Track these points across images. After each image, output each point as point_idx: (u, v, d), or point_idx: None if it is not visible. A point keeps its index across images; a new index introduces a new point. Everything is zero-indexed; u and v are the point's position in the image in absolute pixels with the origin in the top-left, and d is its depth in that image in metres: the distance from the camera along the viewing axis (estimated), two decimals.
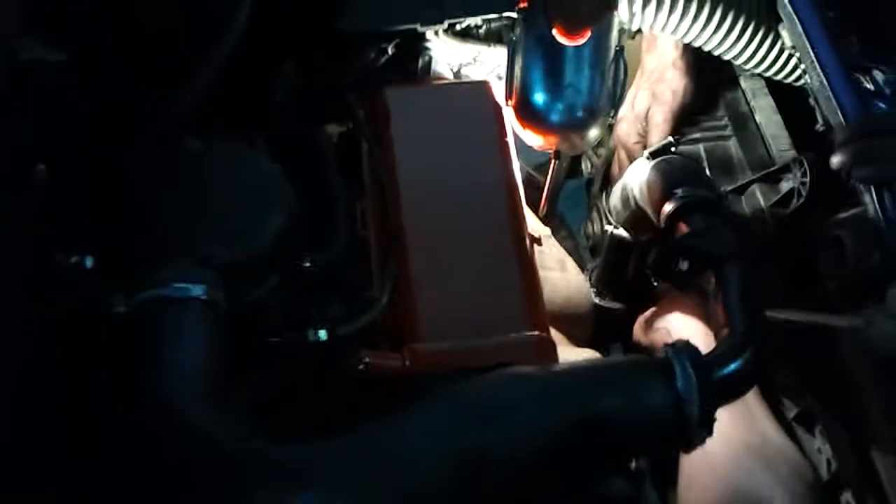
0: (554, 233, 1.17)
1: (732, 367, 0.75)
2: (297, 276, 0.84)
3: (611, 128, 1.20)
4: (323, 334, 0.82)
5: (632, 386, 0.72)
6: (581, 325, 1.11)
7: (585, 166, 1.46)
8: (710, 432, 0.73)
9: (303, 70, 1.03)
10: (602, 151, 1.36)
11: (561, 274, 1.08)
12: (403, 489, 0.65)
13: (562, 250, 1.12)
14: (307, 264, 0.85)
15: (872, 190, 0.90)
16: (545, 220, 1.11)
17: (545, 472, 0.70)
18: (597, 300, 1.18)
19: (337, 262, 0.89)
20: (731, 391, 0.76)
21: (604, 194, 1.23)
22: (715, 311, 0.83)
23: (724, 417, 0.75)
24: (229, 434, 0.67)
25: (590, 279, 1.20)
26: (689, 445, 0.73)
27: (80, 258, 0.78)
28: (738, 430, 0.87)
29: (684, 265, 0.86)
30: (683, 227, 0.89)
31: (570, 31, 0.96)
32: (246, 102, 0.99)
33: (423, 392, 0.73)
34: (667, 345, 0.74)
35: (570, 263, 1.12)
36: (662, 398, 0.71)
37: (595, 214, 1.26)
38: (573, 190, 1.43)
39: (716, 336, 0.82)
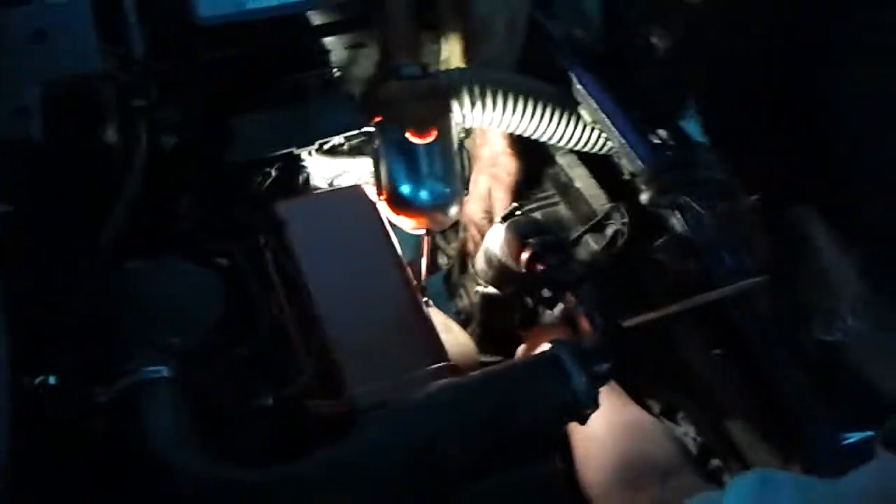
0: None
1: (604, 353, 0.96)
2: (238, 358, 1.00)
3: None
4: (269, 399, 0.98)
5: (531, 376, 0.92)
6: None
7: (441, 261, 1.68)
8: (597, 404, 0.93)
9: (201, 200, 1.21)
10: (454, 245, 1.59)
11: (448, 335, 1.27)
12: (375, 481, 0.81)
13: (445, 316, 1.31)
14: (242, 350, 1.02)
15: (677, 213, 1.16)
16: (423, 293, 1.31)
17: (479, 454, 0.87)
18: (481, 357, 1.38)
19: (264, 345, 1.05)
20: (606, 372, 0.96)
21: (465, 274, 1.45)
22: (580, 322, 1.05)
23: (604, 404, 0.95)
24: (212, 468, 0.82)
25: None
26: (583, 418, 0.93)
27: (43, 377, 0.91)
28: (617, 413, 1.07)
29: (547, 293, 1.08)
30: (540, 267, 1.11)
31: (420, 132, 1.18)
32: (159, 231, 1.16)
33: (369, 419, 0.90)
34: (551, 341, 0.94)
35: (455, 326, 1.31)
36: (557, 381, 0.91)
37: (462, 292, 1.47)
38: (434, 291, 1.64)
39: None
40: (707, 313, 1.13)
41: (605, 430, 1.03)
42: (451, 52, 1.55)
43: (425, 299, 1.19)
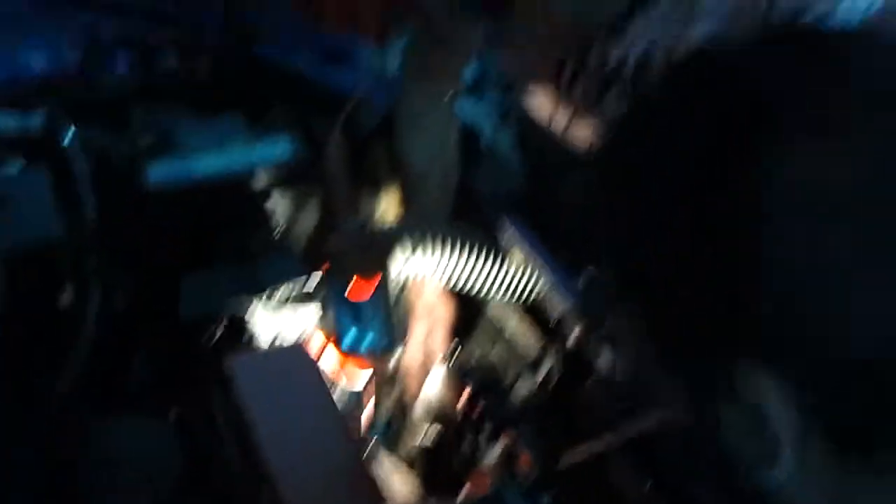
0: None
1: (545, 487, 1.02)
2: None
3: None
4: None
5: None
6: None
7: (380, 412, 1.73)
8: None
9: (152, 358, 1.25)
10: (394, 394, 1.64)
11: (392, 480, 1.31)
12: None
13: (389, 461, 1.35)
14: None
15: (605, 352, 1.23)
16: (369, 439, 1.35)
17: None
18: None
19: (217, 499, 1.08)
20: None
21: (406, 419, 1.49)
22: (519, 457, 1.10)
23: None
24: None
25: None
26: None
27: None
28: None
29: (487, 431, 1.14)
30: (477, 408, 1.17)
31: (361, 282, 1.26)
32: (112, 389, 1.19)
33: None
34: (493, 480, 0.99)
35: (399, 472, 1.35)
36: None
37: (402, 442, 1.51)
38: (378, 430, 1.68)
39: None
40: (639, 448, 1.20)
41: None
42: (389, 206, 1.65)
43: (370, 447, 1.23)
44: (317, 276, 1.29)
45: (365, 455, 1.20)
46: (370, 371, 1.29)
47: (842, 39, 0.68)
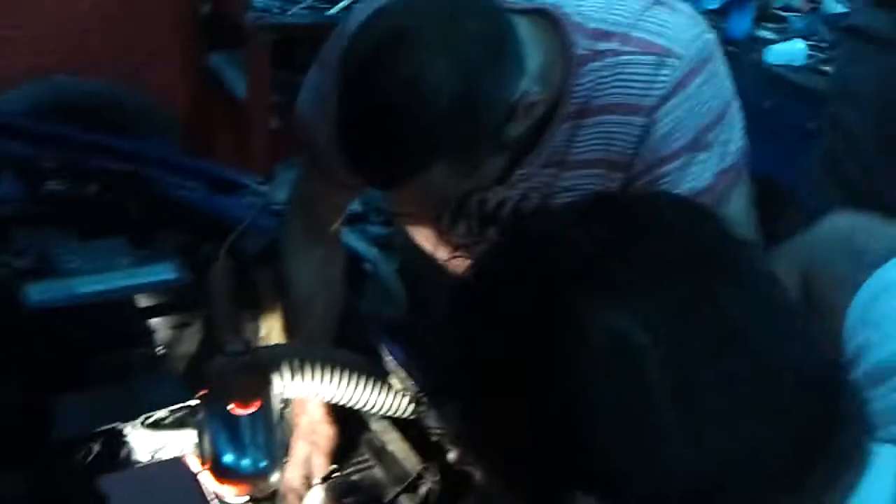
0: None
1: None
2: None
3: None
4: None
5: None
6: None
7: None
8: None
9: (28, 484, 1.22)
10: None
11: None
12: None
13: None
14: None
15: None
16: None
17: None
18: None
19: None
20: None
21: None
22: None
23: None
24: None
25: None
26: None
27: None
28: None
29: None
30: None
31: (243, 404, 1.27)
32: None
33: None
34: None
35: None
36: None
37: None
38: None
39: None
40: None
41: None
42: (272, 329, 1.67)
43: None
44: (197, 398, 1.29)
45: None
46: (246, 495, 1.29)
47: (645, 206, 0.76)
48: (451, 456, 1.29)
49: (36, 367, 1.34)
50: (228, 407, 1.26)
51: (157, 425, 1.35)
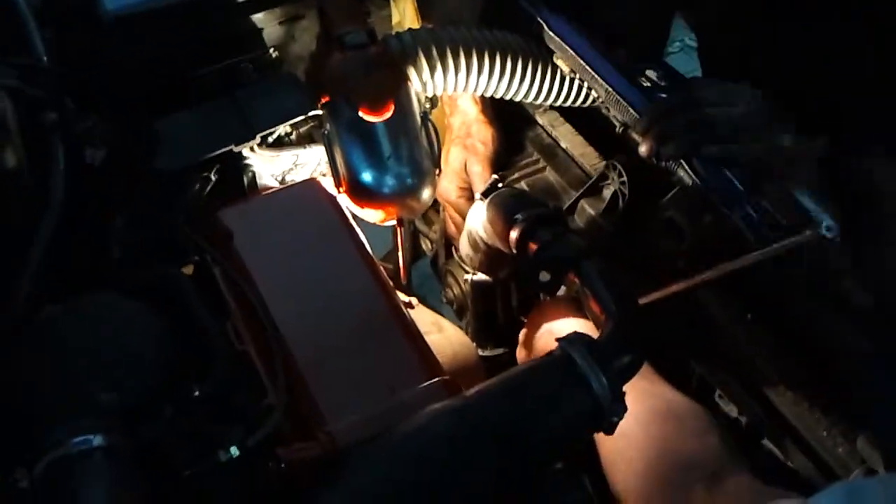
0: None
1: (623, 343, 0.80)
2: (192, 404, 0.84)
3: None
4: (234, 450, 0.81)
5: (541, 387, 0.76)
6: (472, 379, 1.14)
7: (425, 246, 1.52)
8: (624, 408, 0.77)
9: (135, 220, 1.04)
10: (436, 227, 1.43)
11: (440, 335, 1.11)
12: None
13: (433, 313, 1.15)
14: (196, 393, 0.85)
15: (683, 163, 0.99)
16: (407, 290, 1.15)
17: (489, 492, 0.72)
18: (480, 352, 1.22)
19: (224, 383, 0.89)
20: (629, 367, 0.80)
21: (452, 258, 1.29)
22: (588, 305, 0.88)
23: (630, 392, 0.79)
24: None
25: (467, 333, 1.23)
26: (610, 426, 0.77)
27: None
28: (643, 399, 0.91)
29: (546, 276, 0.92)
30: (533, 245, 0.95)
31: (375, 109, 1.02)
32: (85, 265, 0.99)
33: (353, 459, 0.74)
34: (559, 340, 0.78)
35: (446, 323, 1.15)
36: (572, 389, 0.75)
37: (451, 279, 1.30)
38: (421, 275, 1.47)
39: (596, 325, 0.87)
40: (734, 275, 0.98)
41: (634, 423, 0.87)
42: (403, 13, 1.38)
43: (409, 299, 1.02)
44: (321, 107, 1.04)
45: (402, 304, 0.98)
46: (395, 219, 1.07)
47: None
48: (643, 149, 1.00)
49: (129, 88, 1.12)
50: (358, 114, 1.01)
51: (280, 144, 1.13)
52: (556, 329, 1.03)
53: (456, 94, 1.19)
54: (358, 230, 1.04)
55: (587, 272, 0.89)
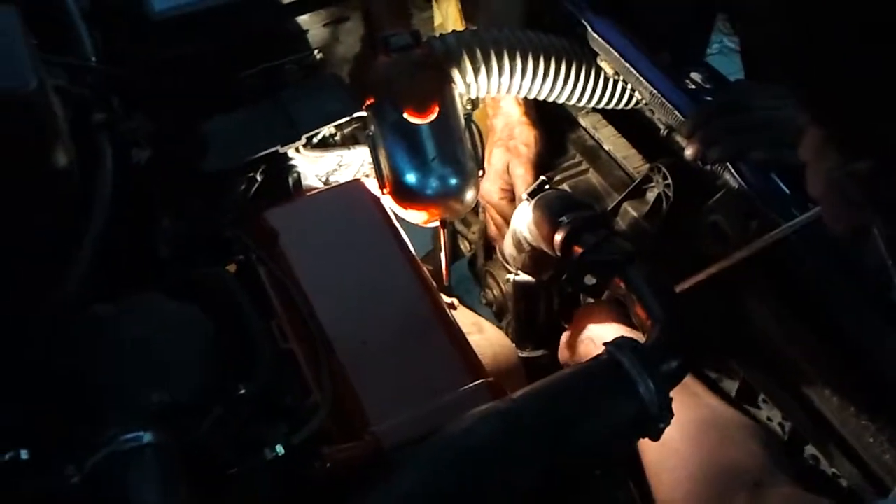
0: None
1: (669, 349, 0.80)
2: (238, 403, 0.84)
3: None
4: (280, 449, 0.82)
5: (588, 391, 0.76)
6: (512, 381, 1.14)
7: (463, 247, 1.52)
8: (671, 414, 0.77)
9: (181, 220, 1.05)
10: (475, 228, 1.43)
11: (480, 335, 1.11)
12: None
13: (474, 314, 1.15)
14: (242, 391, 0.85)
15: (729, 166, 0.98)
16: (448, 292, 1.15)
17: (535, 491, 0.71)
18: (520, 353, 1.21)
19: (270, 382, 0.89)
20: (675, 372, 0.80)
21: (492, 260, 1.28)
22: (634, 311, 0.88)
23: (674, 400, 0.78)
24: None
25: (507, 335, 1.23)
26: (657, 432, 0.77)
27: (13, 453, 0.76)
28: (686, 409, 0.90)
29: (591, 280, 0.91)
30: (578, 248, 0.94)
31: (419, 111, 1.02)
32: (133, 263, 1.00)
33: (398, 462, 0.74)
34: (606, 344, 0.77)
35: (486, 324, 1.15)
36: (620, 394, 0.75)
37: (490, 281, 1.30)
38: (459, 276, 1.47)
39: (641, 329, 0.86)
40: (774, 270, 0.97)
41: (676, 432, 0.86)
42: (446, 15, 1.38)
43: (451, 300, 1.02)
44: (365, 109, 1.05)
45: (445, 306, 0.98)
46: (438, 220, 1.07)
47: None
48: (688, 152, 1.00)
49: (175, 88, 1.13)
50: (402, 115, 1.01)
51: (324, 145, 1.13)
52: (600, 333, 1.03)
53: (499, 96, 1.19)
54: (402, 231, 1.04)
55: (633, 276, 0.89)
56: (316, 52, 1.22)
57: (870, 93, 0.58)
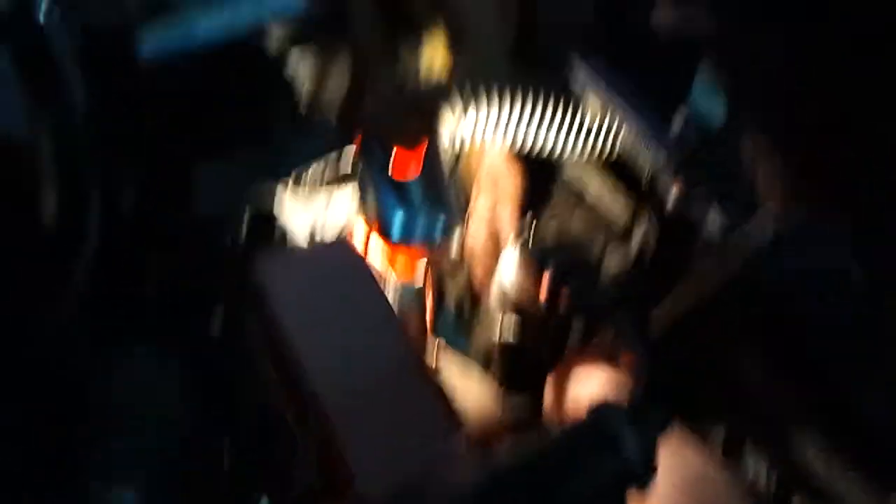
0: None
1: (656, 402, 0.80)
2: (220, 458, 0.84)
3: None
4: None
5: (573, 450, 0.75)
6: (496, 431, 1.14)
7: (448, 293, 1.51)
8: (654, 470, 0.77)
9: (167, 266, 1.05)
10: (461, 274, 1.42)
11: (464, 384, 1.11)
12: None
13: (458, 362, 1.15)
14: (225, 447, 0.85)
15: (715, 206, 0.98)
16: (433, 339, 1.15)
17: None
18: (505, 403, 1.21)
19: (254, 437, 0.89)
20: (662, 426, 0.80)
21: (478, 306, 1.28)
22: (621, 356, 0.88)
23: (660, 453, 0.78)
24: None
25: (494, 379, 1.23)
26: (643, 486, 0.77)
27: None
28: (677, 464, 0.90)
29: (578, 326, 0.92)
30: (564, 294, 0.94)
31: (409, 148, 1.02)
32: (118, 310, 1.00)
33: None
34: (590, 405, 0.77)
35: (471, 372, 1.15)
36: (605, 453, 0.75)
37: (476, 328, 1.30)
38: (444, 323, 1.46)
39: (629, 376, 0.86)
40: (755, 313, 0.97)
41: (664, 488, 0.86)
42: (433, 55, 1.38)
43: (435, 348, 1.02)
44: (351, 151, 1.05)
45: (430, 359, 0.98)
46: (425, 262, 1.07)
47: None
48: (671, 198, 1.00)
49: (164, 131, 1.12)
50: (390, 154, 1.02)
51: (309, 190, 1.13)
52: (586, 381, 1.03)
53: (485, 139, 1.19)
54: (386, 288, 1.04)
55: (620, 323, 0.89)
56: (303, 91, 1.22)
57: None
